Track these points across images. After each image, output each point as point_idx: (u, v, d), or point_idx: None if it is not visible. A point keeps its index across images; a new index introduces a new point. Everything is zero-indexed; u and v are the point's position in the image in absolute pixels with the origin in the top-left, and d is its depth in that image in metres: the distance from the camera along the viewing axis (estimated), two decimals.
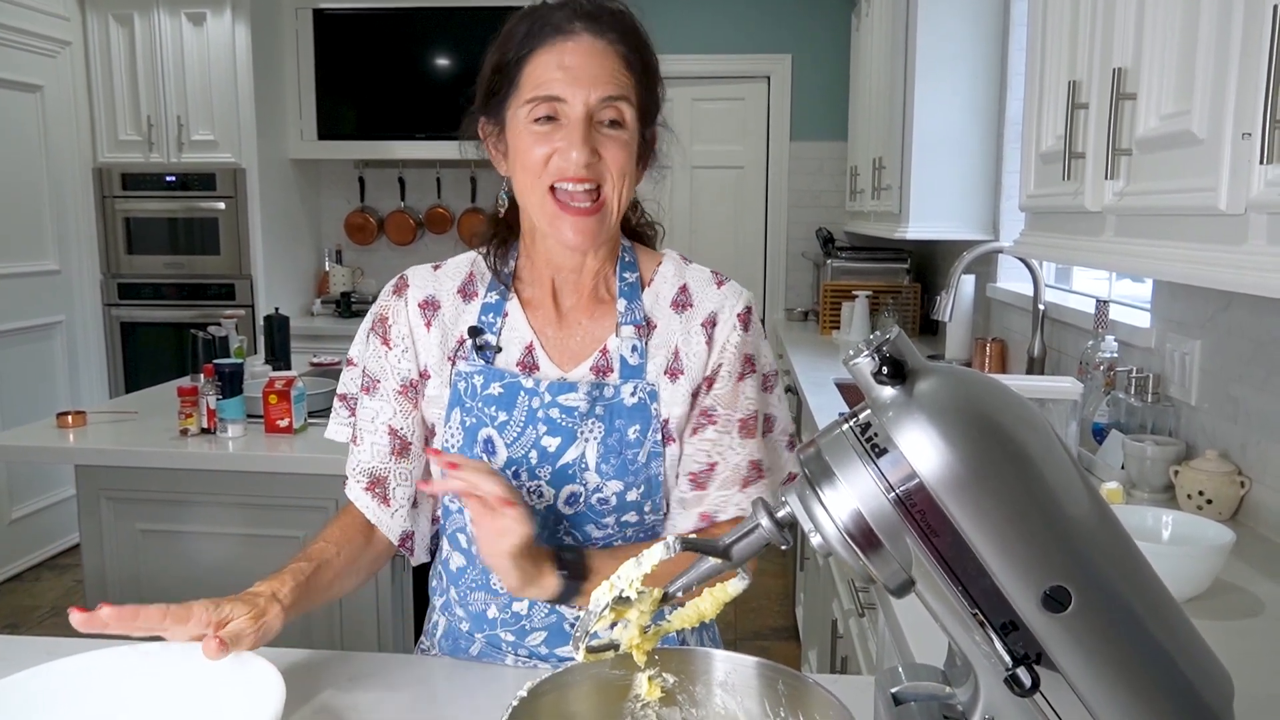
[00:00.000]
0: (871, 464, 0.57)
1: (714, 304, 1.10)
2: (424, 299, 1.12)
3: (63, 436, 2.36)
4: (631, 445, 1.05)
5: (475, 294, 1.12)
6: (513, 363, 1.09)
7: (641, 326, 1.08)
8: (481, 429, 1.06)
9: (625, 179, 1.01)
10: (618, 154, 1.00)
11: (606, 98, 0.98)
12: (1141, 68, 1.26)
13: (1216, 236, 1.09)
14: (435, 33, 4.58)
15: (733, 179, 5.04)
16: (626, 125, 1.00)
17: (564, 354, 1.09)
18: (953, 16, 3.06)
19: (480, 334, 1.09)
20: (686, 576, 0.68)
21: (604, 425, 1.05)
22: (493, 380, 1.07)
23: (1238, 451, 1.63)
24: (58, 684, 0.94)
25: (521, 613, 1.10)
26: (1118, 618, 0.57)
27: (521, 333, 1.10)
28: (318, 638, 2.34)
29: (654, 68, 1.05)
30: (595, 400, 1.05)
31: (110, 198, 4.45)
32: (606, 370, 1.08)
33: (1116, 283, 2.57)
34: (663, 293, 1.11)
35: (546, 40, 0.99)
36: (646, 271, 1.13)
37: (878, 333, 0.59)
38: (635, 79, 1.01)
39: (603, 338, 1.09)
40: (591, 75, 0.98)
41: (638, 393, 1.06)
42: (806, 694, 0.76)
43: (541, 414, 1.05)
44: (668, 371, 1.08)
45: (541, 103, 0.99)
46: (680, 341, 1.09)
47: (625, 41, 1.01)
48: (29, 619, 3.58)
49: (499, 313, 1.10)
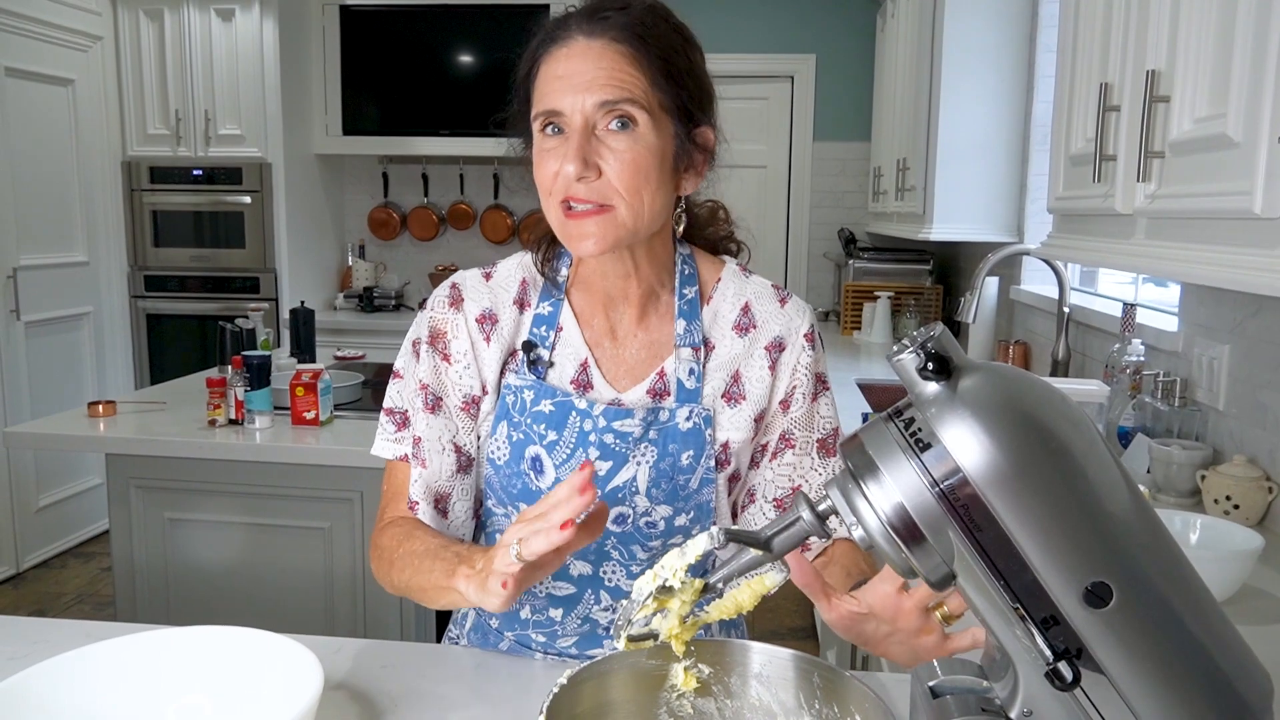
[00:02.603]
0: (915, 458, 0.58)
1: (779, 327, 1.07)
2: (481, 313, 1.07)
3: (94, 426, 2.39)
4: (684, 471, 1.03)
5: (529, 303, 1.08)
6: (566, 380, 1.05)
7: (699, 349, 1.05)
8: (529, 446, 1.03)
9: (639, 193, 0.94)
10: (623, 167, 0.93)
11: (604, 102, 0.92)
12: (1175, 70, 1.26)
13: (1250, 240, 1.09)
14: (460, 29, 4.61)
15: (755, 179, 5.04)
16: (636, 132, 0.93)
17: (618, 372, 1.06)
18: (979, 18, 3.05)
19: (533, 348, 1.05)
20: (728, 567, 0.69)
21: (657, 450, 1.02)
22: (544, 397, 1.03)
23: (1266, 457, 1.63)
24: (101, 665, 0.95)
25: (557, 618, 1.10)
26: (1158, 614, 0.57)
27: (576, 348, 1.06)
28: (341, 627, 2.37)
29: (679, 63, 0.97)
30: (649, 425, 1.02)
31: (138, 190, 4.50)
32: (663, 393, 1.05)
33: (1141, 287, 2.56)
34: (723, 311, 1.08)
35: (546, 52, 0.96)
36: (706, 284, 1.09)
37: (923, 329, 0.60)
38: (647, 79, 0.93)
39: (659, 355, 1.06)
40: (586, 80, 0.92)
41: (693, 417, 1.03)
42: (842, 687, 0.77)
43: (594, 438, 1.02)
44: (725, 395, 1.05)
45: (544, 117, 0.95)
46: (742, 366, 1.06)
47: (630, 39, 0.93)
48: (56, 605, 3.63)
49: (552, 325, 1.07)
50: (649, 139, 0.94)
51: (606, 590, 1.08)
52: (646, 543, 1.05)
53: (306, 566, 2.37)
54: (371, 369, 3.12)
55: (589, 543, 0.83)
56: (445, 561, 0.94)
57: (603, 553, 1.06)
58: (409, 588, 1.01)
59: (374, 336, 4.51)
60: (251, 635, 0.98)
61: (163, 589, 2.43)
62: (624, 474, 1.02)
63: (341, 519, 2.35)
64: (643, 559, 1.06)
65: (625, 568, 1.07)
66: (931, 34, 3.17)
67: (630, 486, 1.02)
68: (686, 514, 1.03)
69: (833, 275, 4.85)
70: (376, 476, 2.33)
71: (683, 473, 1.02)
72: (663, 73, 0.95)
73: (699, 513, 1.04)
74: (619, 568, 1.07)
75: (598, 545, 1.05)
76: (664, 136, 0.96)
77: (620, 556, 1.06)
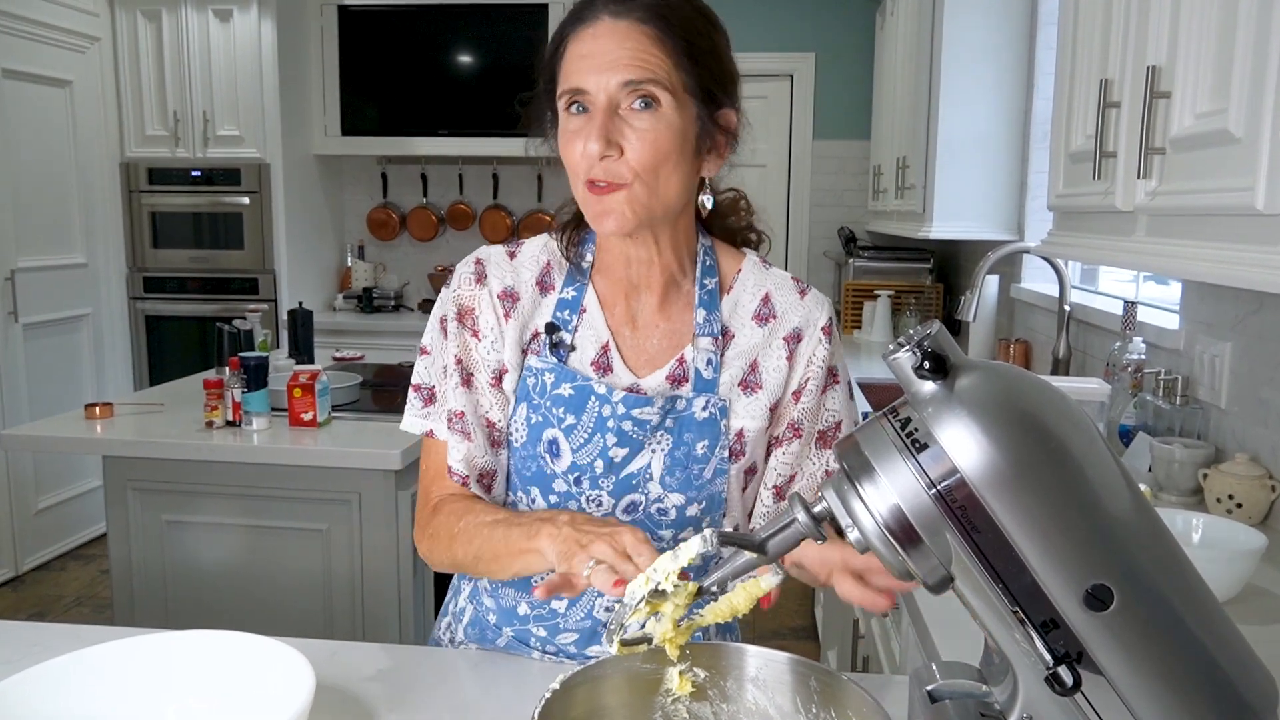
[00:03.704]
0: (912, 459, 0.57)
1: (799, 318, 1.08)
2: (503, 290, 1.08)
3: (91, 428, 2.39)
4: (698, 460, 1.04)
5: (552, 286, 1.09)
6: (587, 363, 1.06)
7: (718, 338, 1.07)
8: (547, 429, 1.05)
9: (657, 172, 0.96)
10: (644, 146, 0.94)
11: (628, 82, 0.93)
12: (1176, 66, 1.25)
13: (1252, 237, 1.08)
14: (459, 29, 4.60)
15: (755, 177, 5.03)
16: (659, 112, 0.95)
17: (639, 358, 1.07)
18: (979, 15, 3.04)
19: (556, 330, 1.06)
20: (722, 570, 0.68)
21: (672, 438, 1.04)
22: (564, 380, 1.05)
23: (1268, 455, 1.62)
24: (95, 669, 0.95)
25: (559, 610, 1.10)
26: (1160, 617, 0.56)
27: (598, 331, 1.07)
28: (339, 629, 2.36)
29: (702, 44, 0.99)
30: (666, 413, 1.04)
31: (137, 192, 4.49)
32: (681, 380, 1.06)
33: (1142, 285, 2.55)
34: (743, 302, 1.09)
35: (573, 31, 0.98)
36: (727, 275, 1.10)
37: (919, 327, 0.59)
38: (671, 60, 0.95)
39: (679, 343, 1.07)
40: (611, 59, 0.94)
41: (709, 407, 1.04)
42: (840, 690, 0.76)
43: (612, 424, 1.03)
44: (742, 384, 1.07)
45: (569, 95, 0.97)
46: (760, 355, 1.07)
47: (655, 20, 0.95)
48: (55, 608, 3.62)
49: (575, 309, 1.08)
50: (671, 118, 0.95)
51: None
52: (656, 530, 1.05)
53: (304, 568, 2.36)
54: (370, 370, 3.11)
55: None
56: (524, 526, 0.95)
57: None
58: (478, 557, 1.01)
59: (373, 337, 4.50)
60: (244, 639, 0.98)
61: (160, 591, 2.42)
62: (639, 461, 1.04)
63: (340, 521, 2.34)
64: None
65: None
66: (931, 31, 3.16)
67: (645, 474, 1.03)
68: (698, 503, 1.05)
69: (833, 274, 4.84)
70: (375, 478, 2.34)
71: (697, 462, 1.04)
72: (686, 54, 0.96)
73: (711, 503, 1.05)
74: None
75: None
76: (686, 117, 0.97)
77: None
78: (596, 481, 1.04)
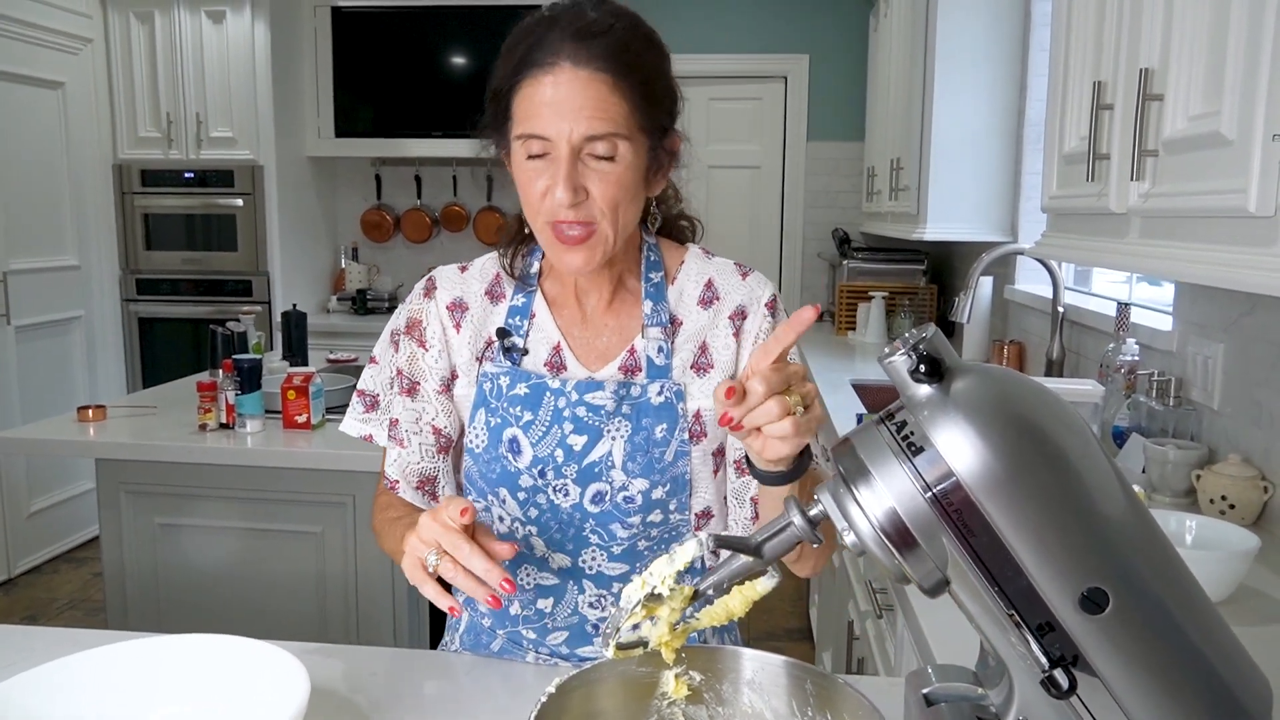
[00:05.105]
0: (908, 462, 0.57)
1: (741, 296, 1.11)
2: (452, 300, 1.13)
3: (83, 430, 2.38)
4: (658, 444, 1.06)
5: (503, 295, 1.14)
6: (540, 364, 1.10)
7: (667, 327, 1.09)
8: (506, 429, 1.07)
9: (619, 209, 0.99)
10: (607, 188, 0.98)
11: (591, 136, 0.95)
12: (1169, 68, 1.25)
13: (1245, 239, 1.08)
14: (452, 31, 4.59)
15: (749, 179, 5.03)
16: (619, 157, 0.97)
17: (591, 354, 1.10)
18: (973, 17, 3.05)
19: (508, 336, 1.10)
20: (718, 574, 0.68)
21: (630, 424, 1.06)
22: (519, 381, 1.08)
23: (1261, 456, 1.62)
24: (83, 675, 0.94)
25: (546, 610, 1.11)
26: (1155, 620, 0.56)
27: (549, 333, 1.11)
28: (334, 632, 2.35)
29: (655, 82, 1.01)
30: (622, 399, 1.06)
31: (130, 194, 4.48)
32: (634, 370, 1.09)
33: (1135, 286, 2.55)
34: (688, 290, 1.12)
35: (530, 73, 0.97)
36: (671, 269, 1.13)
37: (914, 330, 0.59)
38: (629, 105, 0.97)
39: (629, 337, 1.10)
40: (573, 109, 0.95)
41: (664, 392, 1.07)
42: (835, 694, 0.76)
43: (568, 413, 1.06)
44: (695, 366, 1.09)
45: (529, 139, 0.97)
46: (708, 336, 1.10)
47: (613, 66, 0.96)
48: (47, 611, 3.61)
49: (526, 314, 1.12)
50: (630, 160, 0.99)
51: (589, 579, 1.09)
52: (625, 519, 1.06)
53: (299, 571, 2.36)
54: None
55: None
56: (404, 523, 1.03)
57: (581, 539, 1.08)
58: (391, 553, 1.07)
59: (367, 339, 4.49)
60: (238, 643, 0.98)
61: (154, 594, 2.41)
62: (600, 449, 1.05)
63: (334, 523, 2.33)
64: (623, 538, 1.07)
65: (605, 550, 1.08)
66: (925, 33, 3.17)
67: (606, 461, 1.05)
68: (663, 486, 1.06)
69: (827, 275, 4.85)
70: (370, 480, 2.33)
71: (657, 446, 1.06)
72: (643, 95, 0.99)
73: (675, 485, 1.07)
74: (599, 552, 1.08)
75: (575, 531, 1.08)
76: (641, 153, 1.00)
77: (599, 539, 1.07)
78: (560, 471, 1.06)
